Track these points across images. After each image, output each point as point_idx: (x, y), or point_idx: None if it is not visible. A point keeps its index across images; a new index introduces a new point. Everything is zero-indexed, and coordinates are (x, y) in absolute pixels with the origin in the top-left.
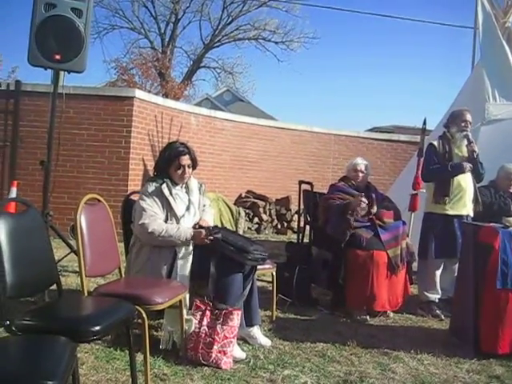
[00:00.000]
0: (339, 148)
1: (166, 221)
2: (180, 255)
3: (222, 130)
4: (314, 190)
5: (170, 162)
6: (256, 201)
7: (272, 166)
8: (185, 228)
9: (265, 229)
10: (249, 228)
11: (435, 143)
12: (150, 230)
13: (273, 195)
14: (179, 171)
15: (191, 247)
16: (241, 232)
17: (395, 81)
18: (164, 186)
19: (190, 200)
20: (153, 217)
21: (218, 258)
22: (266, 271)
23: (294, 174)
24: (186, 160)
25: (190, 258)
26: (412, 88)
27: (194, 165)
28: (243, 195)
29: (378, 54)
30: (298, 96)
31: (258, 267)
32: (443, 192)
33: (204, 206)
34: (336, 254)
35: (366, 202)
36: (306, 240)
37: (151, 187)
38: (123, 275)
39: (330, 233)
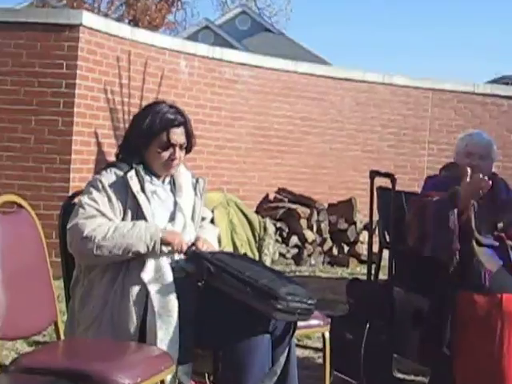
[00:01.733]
0: (441, 113)
1: None
2: (153, 291)
3: (233, 82)
4: (398, 188)
5: (151, 138)
6: (295, 207)
7: (320, 147)
8: (147, 224)
9: (310, 256)
10: (282, 255)
11: None
12: (85, 234)
13: (323, 197)
14: (165, 154)
15: (170, 278)
16: (268, 261)
17: None
18: (131, 174)
19: (176, 204)
20: (92, 218)
21: (228, 307)
22: (313, 331)
23: (360, 160)
24: (179, 136)
25: (174, 300)
26: None
27: (188, 145)
28: (271, 197)
29: None
30: (366, 28)
31: (299, 324)
32: None
33: (203, 218)
34: (438, 301)
35: (490, 184)
36: (382, 276)
37: (108, 176)
38: (62, 336)
39: (431, 254)
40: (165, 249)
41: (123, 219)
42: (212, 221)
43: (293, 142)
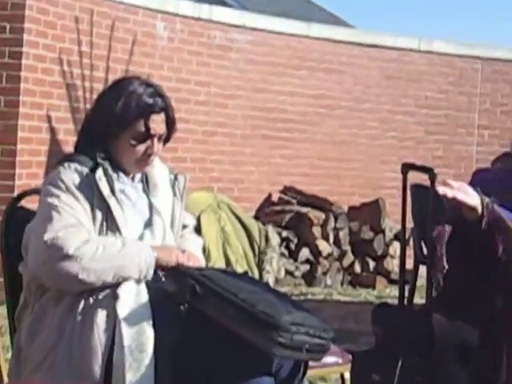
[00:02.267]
0: (494, 90)
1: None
2: (123, 318)
3: (226, 49)
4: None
5: (123, 127)
6: (305, 210)
7: (339, 133)
8: (138, 242)
9: (325, 274)
10: (289, 272)
11: None
12: (70, 252)
13: (342, 198)
14: (141, 147)
15: (144, 299)
16: (270, 281)
17: None
18: (100, 175)
19: (152, 206)
20: (74, 228)
21: (217, 340)
22: (330, 371)
23: (389, 151)
24: (159, 124)
25: (149, 330)
26: None
27: (168, 135)
28: (275, 198)
29: None
30: None
31: (312, 363)
32: None
33: (184, 226)
34: (493, 332)
35: None
36: (418, 299)
37: (69, 174)
38: (6, 379)
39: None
40: (160, 274)
41: (98, 228)
42: (198, 230)
43: (303, 127)
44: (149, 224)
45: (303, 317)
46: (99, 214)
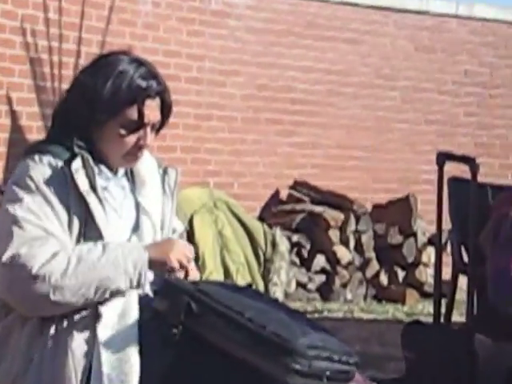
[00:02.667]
0: None
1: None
2: (103, 343)
3: (222, 16)
4: (481, 180)
5: (111, 113)
6: (320, 210)
7: (359, 116)
8: (123, 243)
9: (345, 286)
10: (301, 285)
11: None
12: (34, 271)
13: (365, 194)
14: (131, 138)
15: (131, 320)
16: (279, 295)
17: None
18: (77, 166)
19: (139, 205)
20: (36, 241)
21: (217, 368)
22: None
23: (422, 137)
24: (153, 111)
25: (134, 357)
26: None
27: (162, 123)
28: (284, 195)
29: None
30: None
31: None
32: None
33: (174, 230)
34: None
35: None
36: (457, 317)
37: (39, 168)
38: None
39: None
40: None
41: (74, 236)
42: (189, 235)
43: (317, 108)
44: (136, 228)
45: (322, 339)
46: (76, 217)
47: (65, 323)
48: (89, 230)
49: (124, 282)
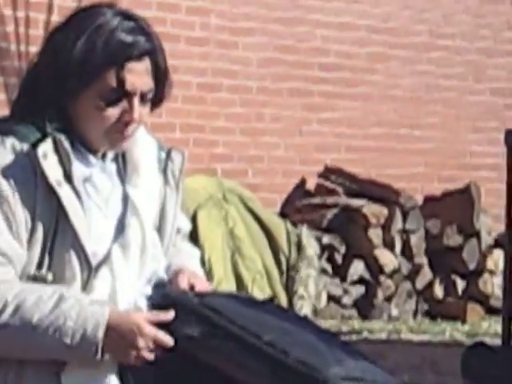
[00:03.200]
0: None
1: (35, 278)
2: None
3: None
4: None
5: (83, 81)
6: (358, 203)
7: (408, 86)
8: (85, 301)
9: (389, 300)
10: (334, 298)
11: None
12: None
13: (413, 184)
14: (113, 111)
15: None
16: (307, 311)
17: None
18: (45, 149)
19: (127, 201)
20: None
21: None
22: None
23: (484, 112)
24: (140, 76)
25: None
26: None
27: (159, 94)
28: (312, 185)
29: None
30: None
31: None
32: None
33: (178, 230)
34: None
35: None
36: None
37: (1, 154)
38: None
39: None
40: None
41: (30, 244)
42: (192, 235)
43: (356, 76)
44: (120, 230)
45: (361, 368)
46: (43, 218)
47: (25, 370)
48: (61, 236)
49: (67, 357)
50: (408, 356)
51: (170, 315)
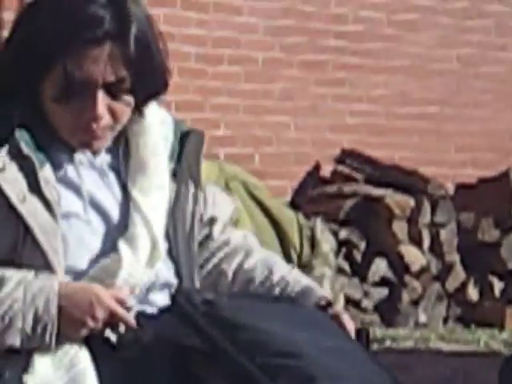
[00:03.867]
0: None
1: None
2: None
3: None
4: None
5: (43, 68)
6: (379, 193)
7: (440, 55)
8: (28, 277)
9: (416, 303)
10: (352, 301)
11: None
12: None
13: (444, 170)
14: (72, 106)
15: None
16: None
17: None
18: (1, 157)
19: (128, 206)
20: None
21: None
22: None
23: None
24: (99, 63)
25: None
26: None
27: (143, 85)
28: (327, 170)
29: None
30: None
31: None
32: None
33: (212, 220)
34: None
35: None
36: None
37: None
38: None
39: None
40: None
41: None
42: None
43: (376, 44)
44: (109, 245)
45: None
46: (6, 239)
47: None
48: (29, 255)
49: (17, 338)
50: (437, 368)
51: (125, 291)
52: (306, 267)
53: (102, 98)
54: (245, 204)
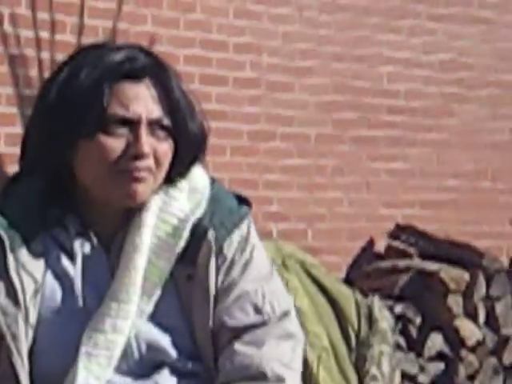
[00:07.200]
0: None
1: None
2: None
3: None
4: None
5: (78, 120)
6: (434, 267)
7: (496, 130)
8: None
9: (472, 378)
10: (408, 377)
11: None
12: None
13: (498, 241)
14: (116, 144)
15: None
16: None
17: None
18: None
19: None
20: None
21: None
22: None
23: None
24: (137, 98)
25: None
26: None
27: (179, 128)
28: (380, 246)
29: None
30: None
31: None
32: None
33: (228, 328)
34: None
35: None
36: None
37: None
38: None
39: None
40: None
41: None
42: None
43: (430, 120)
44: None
45: None
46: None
47: None
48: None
49: None
50: None
51: None
52: (364, 345)
53: (145, 135)
54: (302, 282)
